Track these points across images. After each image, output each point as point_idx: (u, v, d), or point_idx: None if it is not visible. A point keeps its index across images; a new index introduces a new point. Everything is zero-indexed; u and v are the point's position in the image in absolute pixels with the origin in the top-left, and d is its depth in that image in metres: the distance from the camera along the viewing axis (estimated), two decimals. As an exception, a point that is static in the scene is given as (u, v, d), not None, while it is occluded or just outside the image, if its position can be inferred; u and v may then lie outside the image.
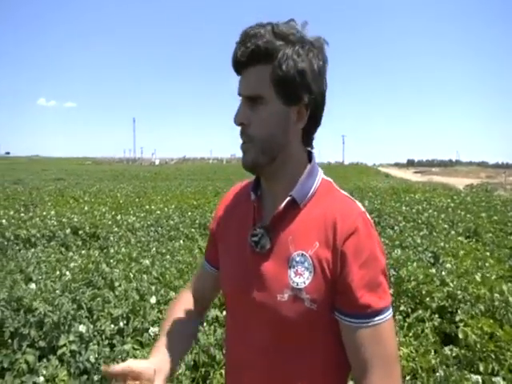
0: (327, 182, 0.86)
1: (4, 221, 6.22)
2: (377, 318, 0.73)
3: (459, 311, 3.28)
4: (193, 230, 6.81)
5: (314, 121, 0.83)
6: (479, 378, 2.19)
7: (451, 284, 3.66)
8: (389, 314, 0.75)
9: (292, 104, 0.78)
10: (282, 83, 0.76)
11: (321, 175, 0.86)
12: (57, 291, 3.03)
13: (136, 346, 2.74)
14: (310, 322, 0.77)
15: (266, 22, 0.78)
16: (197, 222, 7.30)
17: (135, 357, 2.63)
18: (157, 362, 0.86)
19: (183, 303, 1.06)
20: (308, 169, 0.84)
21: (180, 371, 2.61)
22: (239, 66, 0.80)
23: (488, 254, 5.02)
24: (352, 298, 0.74)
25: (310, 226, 0.79)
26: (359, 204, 0.82)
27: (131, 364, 0.78)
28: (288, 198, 0.80)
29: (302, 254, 0.77)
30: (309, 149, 0.88)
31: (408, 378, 2.74)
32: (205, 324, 3.15)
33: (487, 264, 4.35)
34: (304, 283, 0.76)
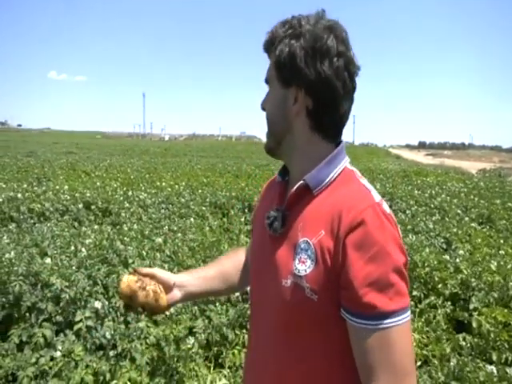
0: (349, 172, 0.83)
1: (19, 195, 6.28)
2: (386, 322, 0.67)
3: (473, 299, 3.27)
4: (203, 208, 6.82)
5: (322, 107, 0.81)
6: (494, 368, 2.18)
7: (465, 271, 3.63)
8: (402, 318, 0.68)
9: (287, 86, 0.81)
10: (277, 66, 0.81)
11: (344, 164, 0.83)
12: (73, 267, 3.06)
13: (150, 324, 2.77)
14: (311, 312, 0.75)
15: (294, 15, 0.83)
16: (207, 200, 7.30)
17: (149, 334, 2.68)
18: (181, 278, 1.02)
19: (237, 256, 1.13)
20: (329, 157, 0.82)
21: (193, 350, 2.65)
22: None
23: (502, 241, 4.96)
24: (355, 296, 0.69)
25: (320, 214, 0.77)
26: (375, 195, 0.77)
27: (156, 272, 0.98)
28: (300, 183, 0.80)
29: (307, 242, 0.76)
30: (339, 138, 0.87)
31: (419, 363, 2.76)
32: (217, 304, 3.18)
33: (502, 252, 4.30)
34: (305, 271, 0.74)
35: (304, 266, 0.75)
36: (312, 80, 0.78)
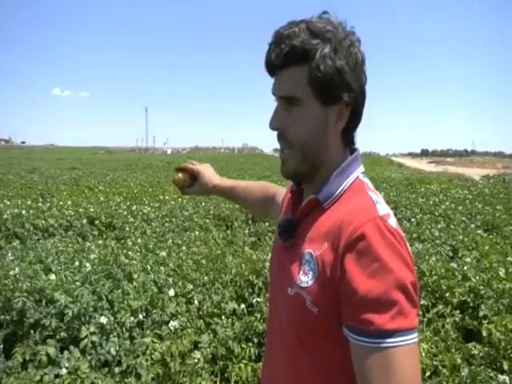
0: (360, 183, 0.79)
1: (24, 211, 6.29)
2: (385, 341, 0.62)
3: (482, 307, 3.22)
4: (207, 220, 6.82)
5: (354, 118, 0.79)
6: (506, 378, 2.13)
7: (473, 279, 3.58)
8: (405, 340, 0.62)
9: (331, 104, 0.75)
10: (321, 84, 0.73)
11: (356, 175, 0.80)
12: (77, 282, 3.05)
13: (155, 340, 2.74)
14: (311, 325, 0.73)
15: (300, 19, 0.75)
16: (211, 212, 7.30)
17: (154, 350, 2.64)
18: (213, 178, 1.23)
19: (267, 187, 1.26)
20: (339, 168, 0.79)
21: (199, 364, 2.62)
22: (273, 67, 0.77)
23: (509, 247, 4.91)
24: (354, 312, 0.65)
25: (326, 227, 0.75)
26: (381, 208, 0.71)
27: (200, 172, 1.22)
28: (310, 197, 0.79)
29: (311, 254, 0.74)
30: (354, 147, 0.84)
31: (428, 374, 2.71)
32: (223, 317, 3.15)
33: (509, 258, 4.25)
34: (307, 283, 0.73)
35: (307, 278, 0.73)
36: (356, 94, 0.76)
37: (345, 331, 0.68)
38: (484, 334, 2.85)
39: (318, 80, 0.73)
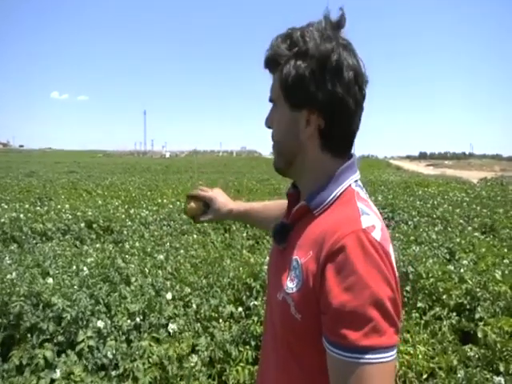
0: (351, 192, 0.79)
1: (22, 215, 6.29)
2: (358, 357, 0.62)
3: (478, 309, 3.23)
4: (205, 223, 6.82)
5: (335, 126, 0.77)
6: (502, 379, 2.14)
7: (470, 281, 3.60)
8: (379, 357, 0.62)
9: (298, 109, 0.78)
10: (285, 89, 0.78)
11: (348, 183, 0.80)
12: (74, 286, 3.05)
13: (152, 343, 2.74)
14: (296, 331, 0.74)
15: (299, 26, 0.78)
16: (209, 215, 7.30)
17: (152, 353, 2.65)
18: (227, 203, 1.21)
19: (283, 204, 1.16)
20: (333, 176, 0.79)
21: (196, 368, 2.62)
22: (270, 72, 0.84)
23: (506, 250, 4.93)
24: (330, 324, 0.66)
25: (314, 235, 0.75)
26: (366, 220, 0.70)
27: (212, 199, 1.19)
28: (301, 203, 0.80)
29: (297, 261, 0.75)
30: (350, 153, 0.84)
31: (425, 376, 2.72)
32: (220, 320, 3.16)
33: (506, 261, 4.27)
34: (292, 289, 0.74)
35: (292, 285, 0.74)
36: (324, 102, 0.74)
37: (323, 341, 0.69)
38: (480, 336, 2.86)
39: (283, 85, 0.77)
